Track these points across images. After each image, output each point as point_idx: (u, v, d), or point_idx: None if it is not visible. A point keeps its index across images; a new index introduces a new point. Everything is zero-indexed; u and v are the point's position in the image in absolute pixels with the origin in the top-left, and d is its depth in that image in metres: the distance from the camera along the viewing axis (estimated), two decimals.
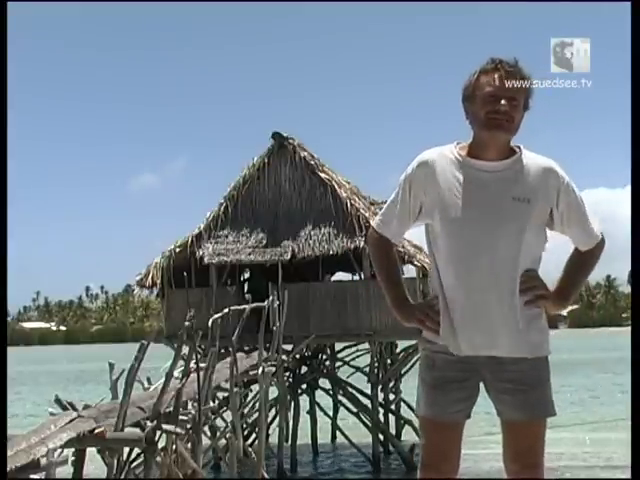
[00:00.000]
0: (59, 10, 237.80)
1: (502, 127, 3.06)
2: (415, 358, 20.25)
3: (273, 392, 15.81)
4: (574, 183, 3.20)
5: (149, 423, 7.35)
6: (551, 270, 3.36)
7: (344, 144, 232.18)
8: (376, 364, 19.90)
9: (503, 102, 3.05)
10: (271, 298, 14.12)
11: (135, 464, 8.24)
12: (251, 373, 12.97)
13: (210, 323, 9.71)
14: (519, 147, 3.17)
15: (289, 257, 18.63)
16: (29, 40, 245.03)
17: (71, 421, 6.12)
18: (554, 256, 3.47)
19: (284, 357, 15.78)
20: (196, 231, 19.47)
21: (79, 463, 6.64)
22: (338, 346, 20.99)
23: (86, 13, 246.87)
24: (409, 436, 21.11)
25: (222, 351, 11.01)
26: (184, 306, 12.23)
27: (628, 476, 3.30)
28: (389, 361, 21.62)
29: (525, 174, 3.11)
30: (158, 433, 7.53)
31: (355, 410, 20.13)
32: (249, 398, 17.46)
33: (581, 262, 3.26)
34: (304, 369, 20.51)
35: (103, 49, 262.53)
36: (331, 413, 21.23)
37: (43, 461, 5.30)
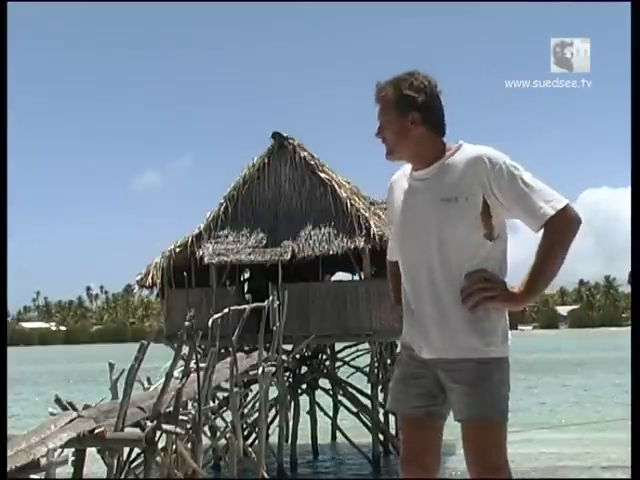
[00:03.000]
0: (60, 10, 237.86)
1: (386, 154, 3.21)
2: None
3: (273, 392, 15.81)
4: (518, 166, 3.05)
5: (149, 423, 7.34)
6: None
7: (344, 144, 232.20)
8: (376, 364, 19.89)
9: (375, 130, 3.21)
10: (271, 298, 14.11)
11: (135, 464, 8.25)
12: (251, 373, 12.96)
13: (210, 323, 9.70)
14: (460, 144, 3.16)
15: (289, 257, 18.62)
16: (29, 40, 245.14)
17: (71, 421, 6.12)
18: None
19: (284, 357, 15.77)
20: (196, 231, 19.47)
21: (79, 463, 6.64)
22: (338, 346, 20.98)
23: (86, 13, 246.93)
24: None
25: (222, 351, 11.01)
26: (184, 306, 12.21)
27: (628, 476, 3.29)
28: (389, 361, 21.61)
29: (451, 173, 3.09)
30: (158, 433, 7.52)
31: (355, 410, 20.12)
32: (249, 398, 17.47)
33: (539, 247, 3.02)
34: (304, 369, 20.51)
35: (104, 49, 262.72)
36: (331, 413, 21.22)
37: (43, 461, 5.30)
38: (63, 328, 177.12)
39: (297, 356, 18.78)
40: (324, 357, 21.10)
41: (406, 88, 3.11)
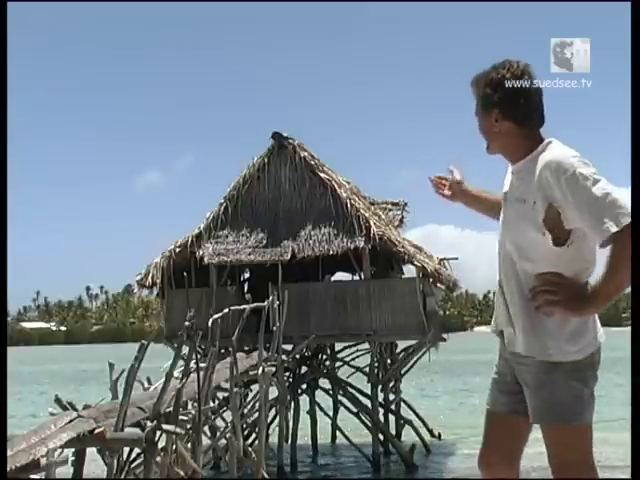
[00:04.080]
0: (63, 9, 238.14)
1: (486, 148, 3.26)
2: (415, 358, 20.27)
3: (273, 392, 15.80)
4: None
5: (149, 423, 7.33)
6: None
7: (344, 144, 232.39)
8: (376, 364, 19.88)
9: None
10: (271, 298, 14.10)
11: (135, 464, 8.23)
12: (251, 373, 12.95)
13: (210, 323, 9.69)
14: (548, 142, 3.14)
15: (289, 257, 18.61)
16: (32, 37, 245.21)
17: (71, 421, 6.10)
18: None
19: (284, 357, 15.76)
20: (196, 231, 19.47)
21: (79, 463, 6.63)
22: (338, 346, 20.97)
23: (89, 12, 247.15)
24: (409, 436, 21.12)
25: (222, 351, 11.00)
26: (184, 306, 12.22)
27: (628, 476, 3.29)
28: (389, 361, 21.61)
29: (529, 174, 3.08)
30: (158, 433, 7.51)
31: (355, 410, 20.11)
32: (249, 398, 17.46)
33: (606, 260, 2.97)
34: (304, 369, 20.50)
35: (106, 48, 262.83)
36: (331, 413, 21.21)
37: (43, 461, 5.29)
38: (63, 328, 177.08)
39: (297, 356, 18.78)
40: (324, 357, 21.09)
41: (486, 85, 3.14)
